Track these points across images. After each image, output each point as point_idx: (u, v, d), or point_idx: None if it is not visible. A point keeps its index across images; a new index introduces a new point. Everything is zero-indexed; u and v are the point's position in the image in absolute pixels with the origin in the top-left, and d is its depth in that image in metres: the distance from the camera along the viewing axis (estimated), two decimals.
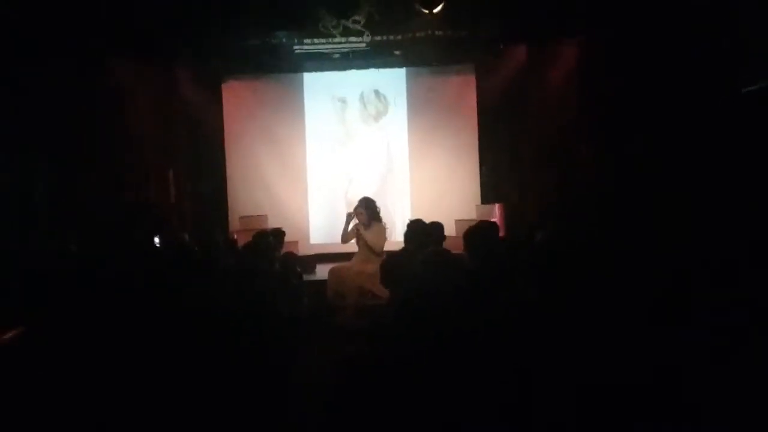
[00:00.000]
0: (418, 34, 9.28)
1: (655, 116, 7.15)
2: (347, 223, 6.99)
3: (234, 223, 10.11)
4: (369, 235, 6.75)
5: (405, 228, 5.67)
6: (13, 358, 3.23)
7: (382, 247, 6.68)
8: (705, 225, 5.73)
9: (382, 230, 6.85)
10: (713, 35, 6.53)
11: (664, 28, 7.02)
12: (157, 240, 7.69)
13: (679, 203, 6.46)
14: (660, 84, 7.07)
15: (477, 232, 4.58)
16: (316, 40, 9.49)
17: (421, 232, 5.45)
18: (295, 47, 9.66)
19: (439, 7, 8.12)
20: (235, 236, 8.81)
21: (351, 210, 7.05)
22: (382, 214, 7.01)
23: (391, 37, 9.48)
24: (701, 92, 6.63)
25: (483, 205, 9.98)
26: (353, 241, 6.95)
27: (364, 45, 9.53)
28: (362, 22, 8.85)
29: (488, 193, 10.27)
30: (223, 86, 10.53)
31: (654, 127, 7.16)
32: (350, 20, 8.77)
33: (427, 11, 8.14)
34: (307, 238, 10.16)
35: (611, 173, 7.82)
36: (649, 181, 7.14)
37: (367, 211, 6.85)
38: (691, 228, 5.69)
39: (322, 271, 7.57)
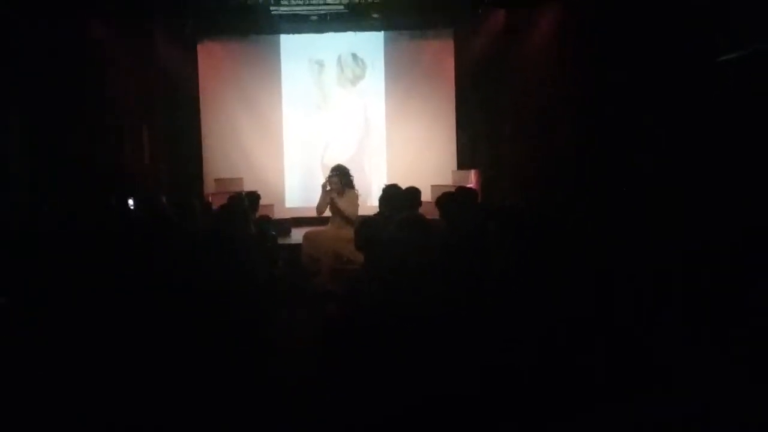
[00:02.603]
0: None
1: (634, 82, 7.15)
2: (322, 194, 6.99)
3: (209, 186, 10.08)
4: (342, 203, 6.75)
5: (381, 193, 5.68)
6: None
7: (356, 215, 6.68)
8: (683, 197, 5.78)
9: (355, 198, 6.85)
10: (692, 1, 6.53)
11: None
12: (131, 202, 7.63)
13: (658, 172, 6.50)
14: (638, 51, 7.07)
15: (452, 199, 4.59)
16: (293, 1, 9.41)
17: (396, 197, 5.46)
18: (272, 8, 9.57)
19: None
20: (210, 198, 8.79)
21: (325, 178, 7.07)
22: (357, 179, 7.01)
23: (370, 0, 9.40)
24: (680, 60, 6.64)
25: (459, 171, 10.00)
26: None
27: (341, 7, 9.47)
28: None
29: (465, 158, 10.29)
30: (199, 47, 10.41)
31: (632, 93, 7.17)
32: None
33: None
34: (283, 201, 10.15)
35: (589, 140, 7.84)
36: (627, 146, 7.16)
37: (340, 179, 6.84)
38: (668, 198, 5.73)
39: (297, 235, 7.58)
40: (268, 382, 3.31)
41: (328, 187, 6.86)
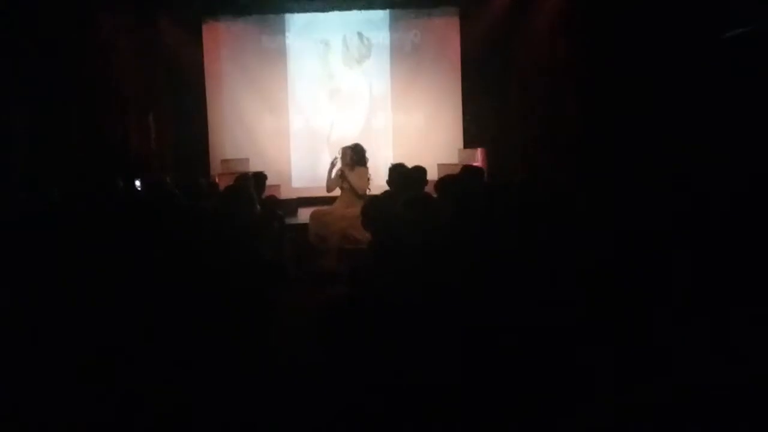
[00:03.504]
0: None
1: (640, 59, 7.12)
2: (330, 170, 7.02)
3: (215, 167, 10.06)
4: (353, 177, 6.77)
5: (387, 172, 5.68)
6: None
7: (365, 190, 6.70)
8: (686, 174, 5.76)
9: (366, 173, 6.88)
10: None
11: None
12: (138, 183, 7.64)
13: (663, 150, 6.48)
14: (645, 29, 7.03)
15: (456, 180, 4.59)
16: None
17: (403, 176, 5.46)
18: None
19: None
20: (217, 179, 8.79)
21: (335, 154, 7.09)
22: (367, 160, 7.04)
23: None
24: (685, 38, 6.60)
25: (466, 150, 9.96)
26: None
27: None
28: None
29: (471, 137, 10.26)
30: (204, 27, 10.37)
31: (639, 71, 7.14)
32: None
33: None
34: (290, 181, 10.15)
35: (595, 120, 7.81)
36: (632, 126, 7.14)
37: (354, 154, 6.87)
38: (672, 177, 5.71)
39: (304, 215, 7.58)
40: (272, 363, 3.32)
41: (339, 164, 6.88)
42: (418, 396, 2.55)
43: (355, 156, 6.89)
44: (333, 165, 7.02)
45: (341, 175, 6.89)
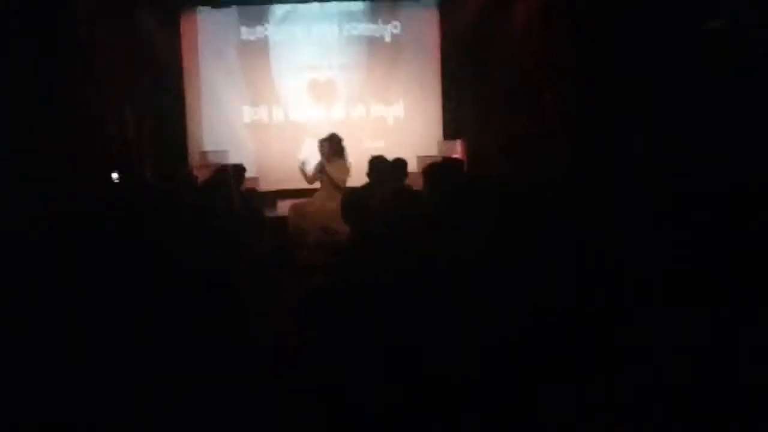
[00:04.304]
0: None
1: (621, 51, 7.15)
2: (302, 166, 7.03)
3: (194, 159, 9.99)
4: (331, 169, 6.74)
5: (367, 164, 5.66)
6: None
7: (345, 182, 6.68)
8: (665, 166, 5.80)
9: (345, 165, 6.85)
10: None
11: None
12: (115, 176, 7.58)
13: (645, 144, 6.52)
14: (625, 21, 7.06)
15: (438, 169, 4.59)
16: None
17: (383, 168, 5.45)
18: None
19: None
20: (195, 172, 8.73)
21: (314, 146, 7.05)
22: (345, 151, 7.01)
23: None
24: (664, 29, 6.63)
25: (445, 141, 9.96)
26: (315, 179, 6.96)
27: None
28: None
29: (451, 129, 10.25)
30: (182, 18, 10.26)
31: (619, 63, 7.17)
32: None
33: None
34: (269, 173, 10.08)
35: (574, 113, 7.83)
36: (611, 118, 7.17)
37: (331, 145, 6.84)
38: (651, 170, 5.75)
39: (284, 208, 7.56)
40: (252, 354, 3.31)
41: (317, 155, 6.87)
42: (400, 384, 2.55)
43: (332, 148, 6.85)
44: (303, 163, 7.02)
45: (321, 167, 6.85)
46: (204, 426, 2.81)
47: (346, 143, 7.02)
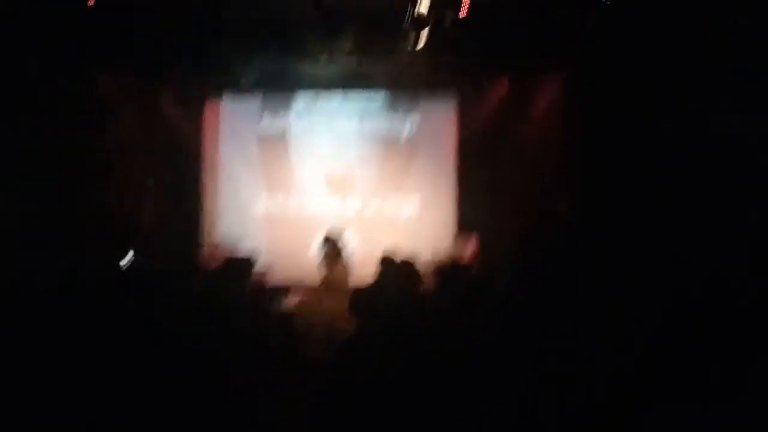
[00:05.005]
0: (402, 61, 9.28)
1: (636, 153, 7.22)
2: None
3: (207, 246, 10.04)
4: (335, 274, 6.68)
5: (378, 259, 5.66)
6: None
7: (350, 284, 6.64)
8: (679, 271, 5.77)
9: (348, 266, 6.80)
10: (688, 78, 6.63)
11: (645, 70, 7.10)
12: (126, 260, 7.61)
13: (656, 251, 6.50)
14: (640, 123, 7.15)
15: (448, 271, 4.60)
16: (301, 63, 9.46)
17: (393, 267, 5.44)
18: (281, 69, 9.64)
19: (425, 37, 8.14)
20: (206, 260, 8.75)
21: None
22: (354, 245, 6.98)
23: (375, 63, 9.49)
24: (679, 133, 6.71)
25: (459, 237, 9.95)
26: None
27: (348, 68, 9.53)
28: (348, 46, 8.84)
29: (465, 225, 10.27)
30: (206, 104, 10.47)
31: (634, 164, 7.23)
32: (336, 43, 8.75)
33: (412, 40, 8.15)
34: (278, 267, 10.04)
35: (588, 215, 7.86)
36: (629, 219, 7.18)
37: (332, 250, 6.79)
38: (664, 277, 5.72)
39: (292, 301, 7.51)
40: None
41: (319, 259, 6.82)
42: None
43: (332, 251, 6.80)
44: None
45: (323, 274, 6.78)
46: None
47: (359, 238, 7.03)
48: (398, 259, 5.57)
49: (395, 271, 5.34)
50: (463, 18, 7.29)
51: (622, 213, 7.27)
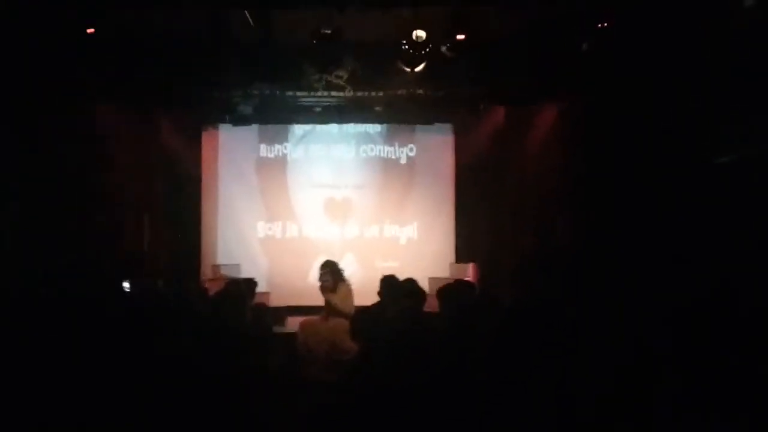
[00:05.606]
0: (398, 92, 9.37)
1: (632, 180, 7.25)
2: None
3: (207, 271, 10.06)
4: (336, 299, 6.66)
5: (378, 284, 5.67)
6: None
7: (352, 308, 6.62)
8: (677, 292, 5.78)
9: (348, 291, 6.78)
10: (686, 107, 6.67)
11: (641, 96, 7.15)
12: (128, 286, 7.61)
13: (653, 271, 6.52)
14: (636, 150, 7.19)
15: (451, 291, 4.60)
16: (298, 93, 9.55)
17: (394, 288, 5.45)
18: (278, 99, 9.72)
19: (421, 67, 8.21)
20: (207, 284, 8.75)
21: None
22: (355, 270, 6.98)
23: (372, 94, 9.58)
24: (676, 160, 6.74)
25: (457, 264, 10.00)
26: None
27: (345, 100, 9.63)
28: (345, 78, 8.91)
29: (463, 251, 10.31)
30: (204, 134, 10.58)
31: (630, 191, 7.26)
32: (333, 75, 8.82)
33: (408, 69, 8.21)
34: (280, 289, 10.08)
35: (586, 239, 7.89)
36: (623, 246, 7.20)
37: (332, 276, 6.77)
38: (663, 297, 5.73)
39: (293, 324, 7.51)
40: None
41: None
42: None
43: (333, 276, 6.79)
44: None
45: (325, 301, 6.75)
46: None
47: (358, 262, 7.04)
48: (400, 280, 5.58)
49: (397, 291, 5.34)
50: (458, 43, 7.33)
51: (620, 237, 7.30)
